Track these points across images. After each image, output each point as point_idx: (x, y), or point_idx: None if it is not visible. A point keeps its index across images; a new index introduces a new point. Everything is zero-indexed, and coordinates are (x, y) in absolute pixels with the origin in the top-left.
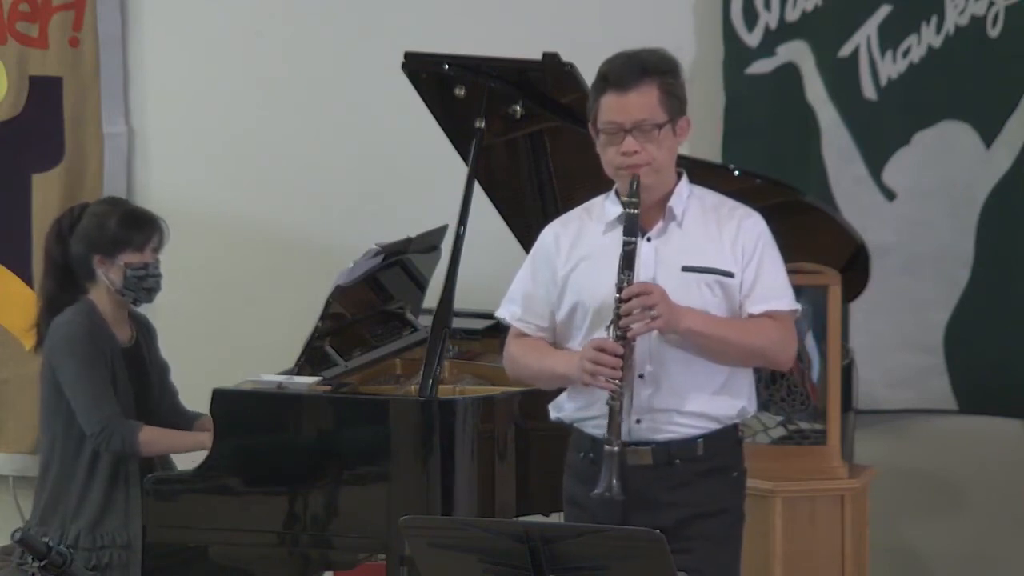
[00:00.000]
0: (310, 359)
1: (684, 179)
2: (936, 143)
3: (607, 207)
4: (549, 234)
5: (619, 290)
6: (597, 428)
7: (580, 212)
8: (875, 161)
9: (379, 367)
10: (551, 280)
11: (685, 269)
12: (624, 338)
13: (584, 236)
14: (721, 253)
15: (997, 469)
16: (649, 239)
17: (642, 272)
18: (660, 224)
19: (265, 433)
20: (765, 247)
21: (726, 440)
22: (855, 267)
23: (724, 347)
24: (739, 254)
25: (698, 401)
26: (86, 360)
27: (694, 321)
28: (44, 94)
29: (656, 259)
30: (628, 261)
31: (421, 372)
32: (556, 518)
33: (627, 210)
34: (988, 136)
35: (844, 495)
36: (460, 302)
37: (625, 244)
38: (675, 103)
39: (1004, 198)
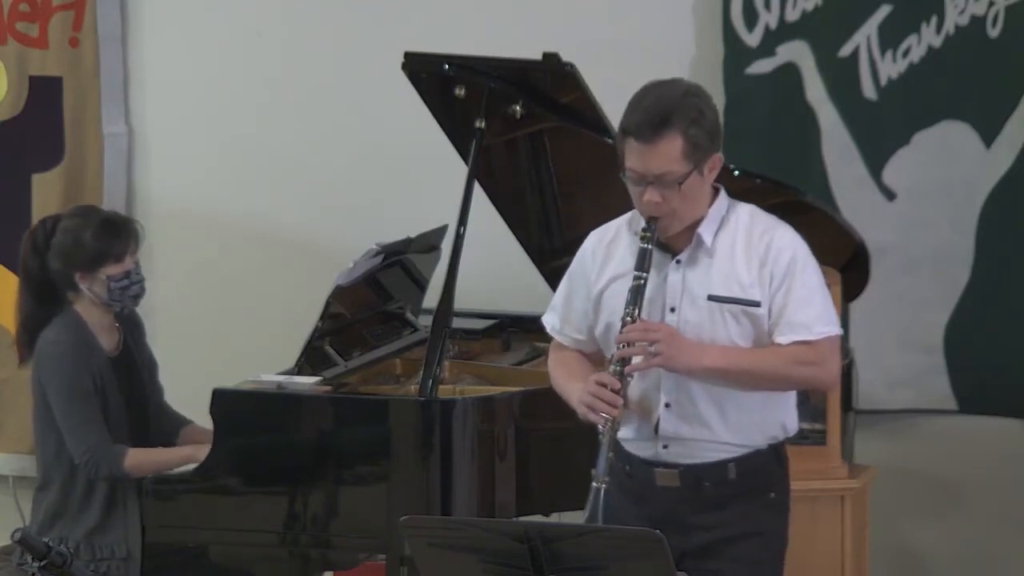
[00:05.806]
0: (310, 359)
1: (720, 199)
2: (936, 143)
3: (637, 227)
4: (588, 244)
5: (623, 324)
6: (628, 445)
7: (620, 224)
8: (875, 161)
9: (379, 367)
10: (587, 295)
11: (711, 298)
12: (621, 373)
13: (615, 254)
14: (749, 280)
15: (997, 469)
16: (679, 261)
17: (668, 298)
18: (689, 249)
19: (265, 433)
20: (796, 272)
21: (762, 461)
22: (855, 267)
23: (750, 380)
24: (766, 280)
25: (726, 430)
26: (73, 382)
27: (714, 358)
28: (44, 94)
29: (683, 286)
30: (635, 296)
31: (421, 372)
32: (556, 518)
33: (641, 244)
34: (988, 136)
35: (844, 495)
36: (460, 302)
37: (635, 278)
38: (700, 151)
39: (1004, 198)
